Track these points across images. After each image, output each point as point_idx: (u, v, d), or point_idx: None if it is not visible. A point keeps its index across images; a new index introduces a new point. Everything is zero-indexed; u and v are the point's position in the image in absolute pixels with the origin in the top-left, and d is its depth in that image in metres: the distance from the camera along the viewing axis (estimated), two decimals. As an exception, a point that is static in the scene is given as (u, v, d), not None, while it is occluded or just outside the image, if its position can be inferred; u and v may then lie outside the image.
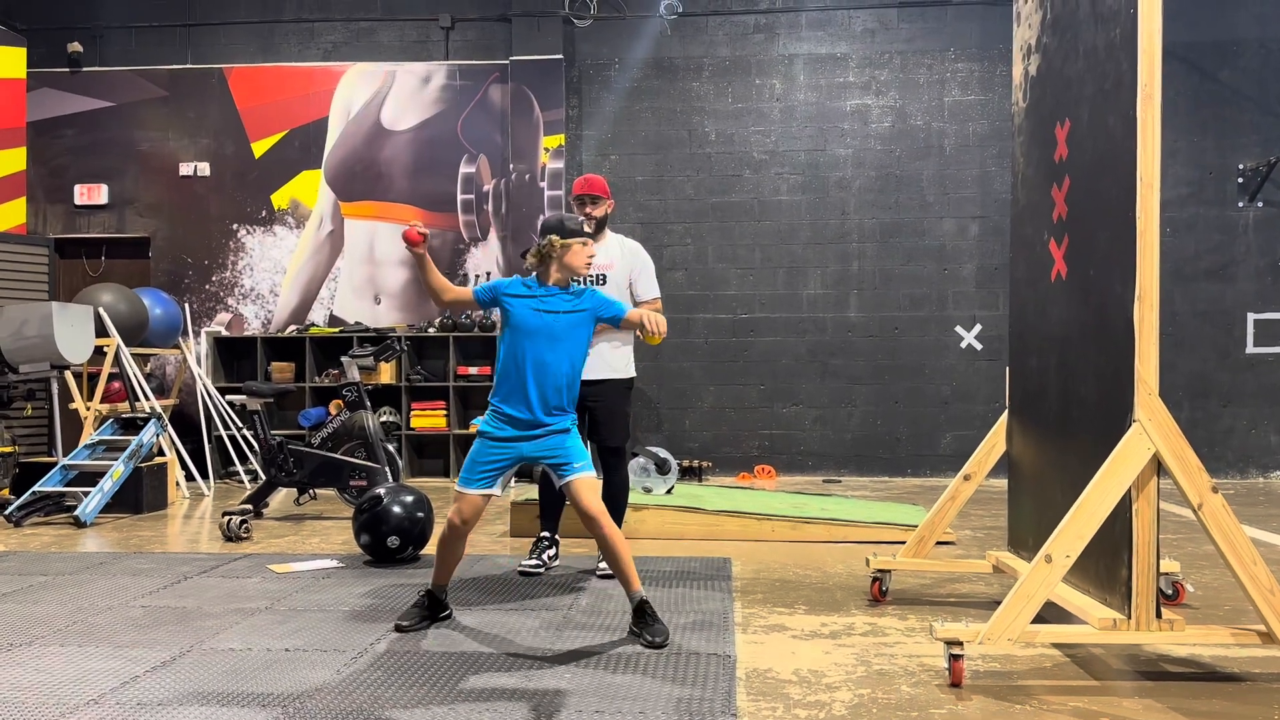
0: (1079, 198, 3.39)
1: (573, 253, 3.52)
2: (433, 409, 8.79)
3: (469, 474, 3.53)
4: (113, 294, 7.84)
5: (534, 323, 3.49)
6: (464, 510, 3.52)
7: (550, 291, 3.54)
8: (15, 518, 6.17)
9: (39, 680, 3.04)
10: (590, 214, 4.62)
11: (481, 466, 3.52)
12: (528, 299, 3.53)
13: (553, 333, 3.49)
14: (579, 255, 3.53)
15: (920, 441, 8.92)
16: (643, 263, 4.73)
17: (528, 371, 3.47)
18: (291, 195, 9.31)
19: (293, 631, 3.60)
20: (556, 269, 3.54)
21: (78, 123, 9.43)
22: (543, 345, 3.47)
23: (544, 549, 4.68)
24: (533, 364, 3.47)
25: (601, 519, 3.44)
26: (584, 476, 3.49)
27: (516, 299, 3.53)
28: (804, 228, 9.02)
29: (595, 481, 3.53)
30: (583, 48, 9.17)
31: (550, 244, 3.51)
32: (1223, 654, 3.33)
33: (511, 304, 3.53)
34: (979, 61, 8.94)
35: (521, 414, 3.48)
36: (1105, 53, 3.18)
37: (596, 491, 3.50)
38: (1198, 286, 8.71)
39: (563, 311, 3.52)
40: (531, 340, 3.48)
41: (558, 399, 3.50)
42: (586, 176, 4.72)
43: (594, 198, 4.66)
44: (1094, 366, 3.23)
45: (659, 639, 3.39)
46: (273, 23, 9.38)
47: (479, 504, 3.53)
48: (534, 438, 3.50)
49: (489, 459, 3.51)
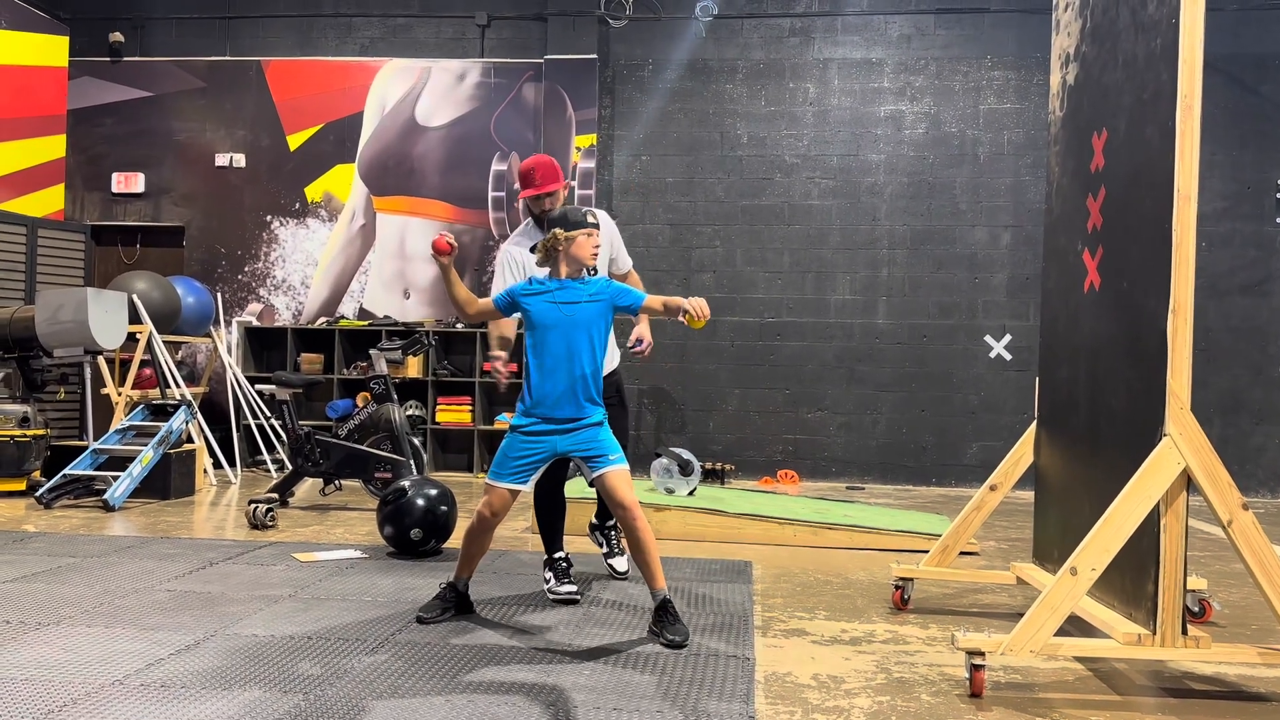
0: (1114, 209, 3.36)
1: (578, 244, 3.52)
2: (458, 404, 8.83)
3: (500, 468, 3.53)
4: (147, 281, 7.93)
5: (553, 316, 3.49)
6: (494, 503, 3.53)
7: (564, 284, 3.53)
8: (45, 500, 6.26)
9: (65, 659, 3.08)
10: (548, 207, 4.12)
11: (514, 462, 3.52)
12: (542, 295, 3.53)
13: (574, 324, 3.49)
14: (584, 246, 3.53)
15: (946, 451, 8.86)
16: (616, 232, 4.38)
17: (554, 366, 3.47)
18: (325, 188, 9.39)
19: (315, 619, 3.63)
20: (565, 262, 3.53)
21: (117, 112, 9.55)
22: (565, 338, 3.48)
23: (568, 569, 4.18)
24: (557, 358, 3.47)
25: (635, 511, 3.44)
26: (619, 468, 3.49)
27: (532, 297, 3.53)
28: (834, 233, 8.99)
29: (628, 473, 3.53)
30: (617, 48, 9.19)
31: (555, 238, 3.51)
32: (1249, 673, 3.29)
33: (528, 303, 3.53)
34: (1015, 69, 8.88)
35: (553, 410, 3.48)
36: (1145, 63, 3.15)
37: (630, 483, 3.50)
38: (1232, 302, 8.60)
39: (581, 302, 3.52)
40: (553, 334, 3.48)
41: (586, 391, 3.50)
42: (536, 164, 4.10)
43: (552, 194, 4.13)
44: (1125, 379, 3.20)
45: (678, 639, 3.39)
46: (311, 17, 9.46)
47: (509, 498, 3.54)
48: (567, 431, 3.50)
49: (522, 454, 3.51)
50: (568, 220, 3.53)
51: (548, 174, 4.12)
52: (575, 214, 3.55)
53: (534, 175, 4.12)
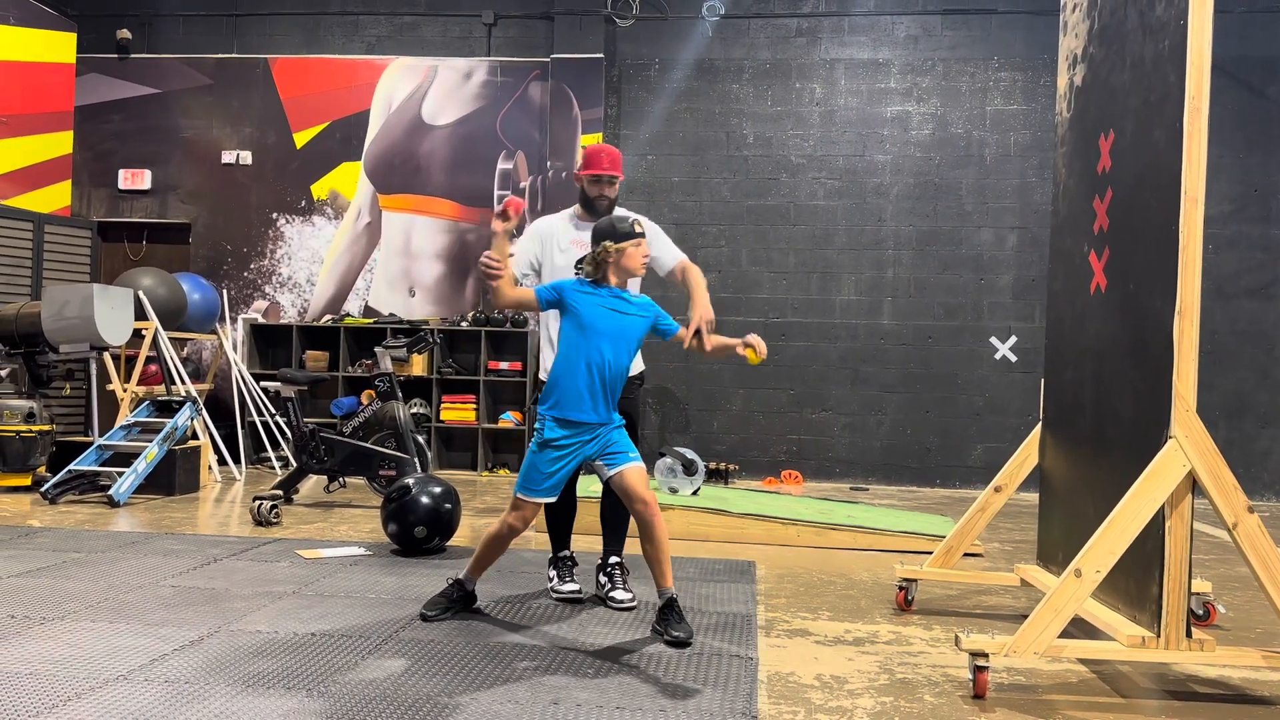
0: (1121, 210, 3.35)
1: (628, 255, 3.50)
2: (463, 402, 8.84)
3: (533, 484, 3.50)
4: (153, 278, 7.95)
5: (606, 323, 3.46)
6: (527, 517, 3.54)
7: (614, 293, 3.52)
8: (51, 495, 6.27)
9: (70, 654, 3.09)
10: (607, 195, 4.11)
11: (547, 476, 3.50)
12: (594, 298, 3.49)
13: (622, 333, 3.49)
14: (634, 257, 3.51)
15: (950, 452, 8.85)
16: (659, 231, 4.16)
17: (594, 371, 3.44)
18: (331, 186, 9.40)
19: (319, 616, 3.63)
20: (614, 273, 3.51)
21: (124, 108, 9.57)
22: (611, 345, 3.46)
23: (573, 567, 4.19)
24: (600, 364, 3.45)
25: (654, 505, 3.48)
26: (637, 464, 3.53)
27: (584, 296, 3.48)
28: (839, 233, 8.98)
29: (644, 469, 3.56)
30: (623, 47, 9.19)
31: (605, 250, 3.48)
32: (1253, 676, 3.28)
33: (580, 302, 3.47)
34: (1023, 71, 8.86)
35: (585, 416, 3.46)
36: (1153, 64, 3.14)
37: (647, 480, 3.54)
38: (1238, 305, 8.58)
39: (630, 314, 3.52)
40: (601, 340, 3.45)
41: (613, 398, 3.52)
42: (604, 149, 4.13)
43: (613, 179, 4.11)
44: (1131, 381, 3.20)
45: (682, 637, 3.39)
46: (318, 15, 9.47)
47: (538, 510, 3.57)
48: (595, 438, 3.51)
49: (556, 468, 3.50)
50: (616, 231, 3.49)
51: (615, 160, 4.12)
52: (623, 224, 3.51)
53: (601, 158, 4.11)
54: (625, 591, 3.96)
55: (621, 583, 4.01)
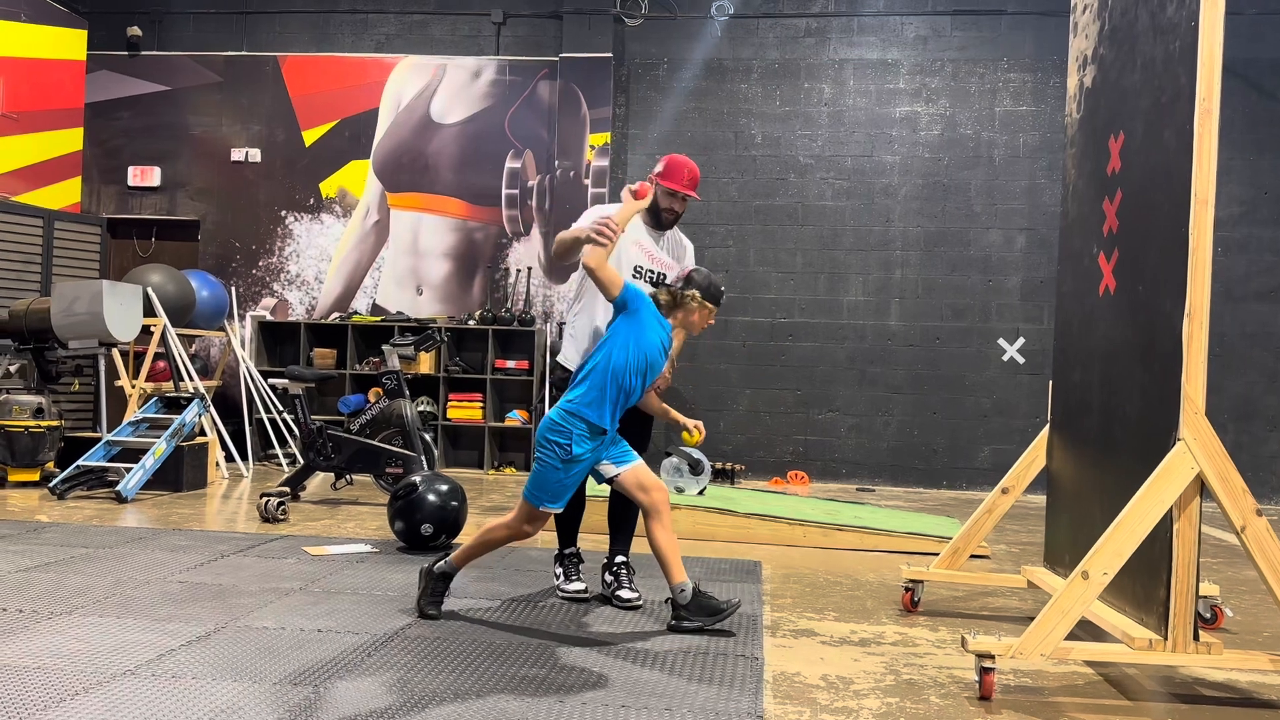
0: (1130, 212, 3.35)
1: (701, 314, 3.67)
2: (470, 400, 8.85)
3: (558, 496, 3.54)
4: (161, 275, 7.97)
5: (654, 354, 3.60)
6: (540, 526, 3.61)
7: (668, 329, 3.68)
8: (59, 490, 6.29)
9: (78, 649, 3.10)
10: (676, 210, 4.11)
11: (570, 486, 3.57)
12: (661, 328, 3.63)
13: (657, 367, 3.64)
14: (704, 319, 3.68)
15: (957, 453, 8.84)
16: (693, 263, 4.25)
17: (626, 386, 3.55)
18: (340, 184, 9.42)
19: (326, 613, 3.64)
20: (680, 318, 3.68)
21: (134, 105, 9.60)
22: (647, 375, 3.61)
23: (578, 565, 4.17)
24: (629, 387, 3.56)
25: (663, 493, 3.60)
26: (640, 462, 3.69)
27: (656, 323, 3.61)
28: (847, 234, 8.97)
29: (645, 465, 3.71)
30: (632, 47, 9.19)
31: (692, 298, 3.63)
32: (1260, 680, 3.27)
33: (650, 324, 3.58)
34: (1032, 72, 8.84)
35: (606, 423, 3.57)
36: (1163, 65, 3.13)
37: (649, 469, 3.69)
38: (1248, 308, 8.55)
39: (666, 354, 3.68)
40: (646, 367, 3.58)
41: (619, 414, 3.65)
42: (686, 164, 4.04)
43: (685, 198, 4.09)
44: (1139, 383, 3.19)
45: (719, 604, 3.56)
46: (328, 13, 9.49)
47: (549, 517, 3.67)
48: (605, 445, 3.62)
49: (578, 479, 3.59)
50: (710, 292, 3.65)
51: (695, 181, 4.08)
52: (717, 290, 3.68)
53: (683, 173, 4.04)
54: (631, 590, 3.96)
55: (628, 582, 4.01)
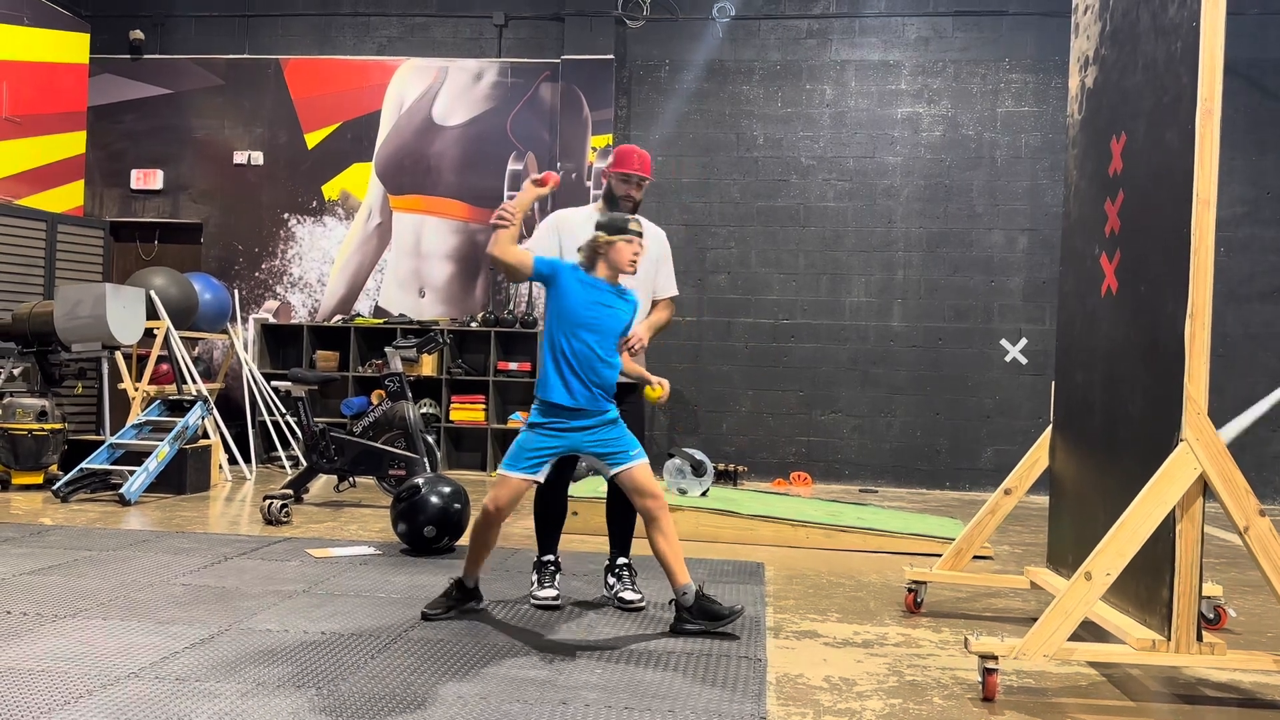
0: (1132, 213, 3.35)
1: (617, 249, 3.52)
2: (472, 402, 8.85)
3: (515, 459, 3.53)
4: (164, 278, 7.98)
5: (587, 313, 3.51)
6: (501, 496, 3.52)
7: (600, 285, 3.56)
8: (63, 493, 6.30)
9: (82, 651, 3.10)
10: (633, 196, 4.06)
11: (530, 451, 3.52)
12: (585, 286, 3.53)
13: (601, 326, 3.52)
14: (624, 252, 3.52)
15: (960, 454, 8.83)
16: (667, 252, 4.24)
17: (567, 358, 3.49)
18: (342, 187, 9.43)
19: (329, 615, 3.65)
20: (604, 266, 3.56)
21: (137, 109, 9.61)
22: (591, 335, 3.51)
23: (554, 573, 4.07)
24: (571, 352, 3.49)
25: (663, 500, 3.54)
26: (642, 462, 3.56)
27: (576, 283, 3.52)
28: (849, 235, 8.97)
29: (650, 467, 3.60)
30: (634, 49, 9.20)
31: (596, 239, 3.54)
32: (1264, 681, 3.27)
33: (570, 287, 3.50)
34: (1034, 73, 8.84)
35: (567, 401, 3.50)
36: (1165, 66, 3.13)
37: (653, 475, 3.58)
38: (1251, 308, 8.54)
39: (615, 308, 3.56)
40: (580, 328, 3.50)
41: (599, 384, 3.53)
42: (635, 150, 4.09)
43: (641, 180, 4.06)
44: (1142, 384, 3.19)
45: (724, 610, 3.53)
46: (330, 16, 9.50)
47: (520, 489, 3.53)
48: (586, 428, 3.53)
49: (539, 445, 3.52)
50: (611, 225, 3.53)
51: (645, 162, 4.11)
52: (620, 220, 3.54)
53: (632, 158, 4.09)
54: (634, 592, 3.96)
55: (630, 583, 4.01)
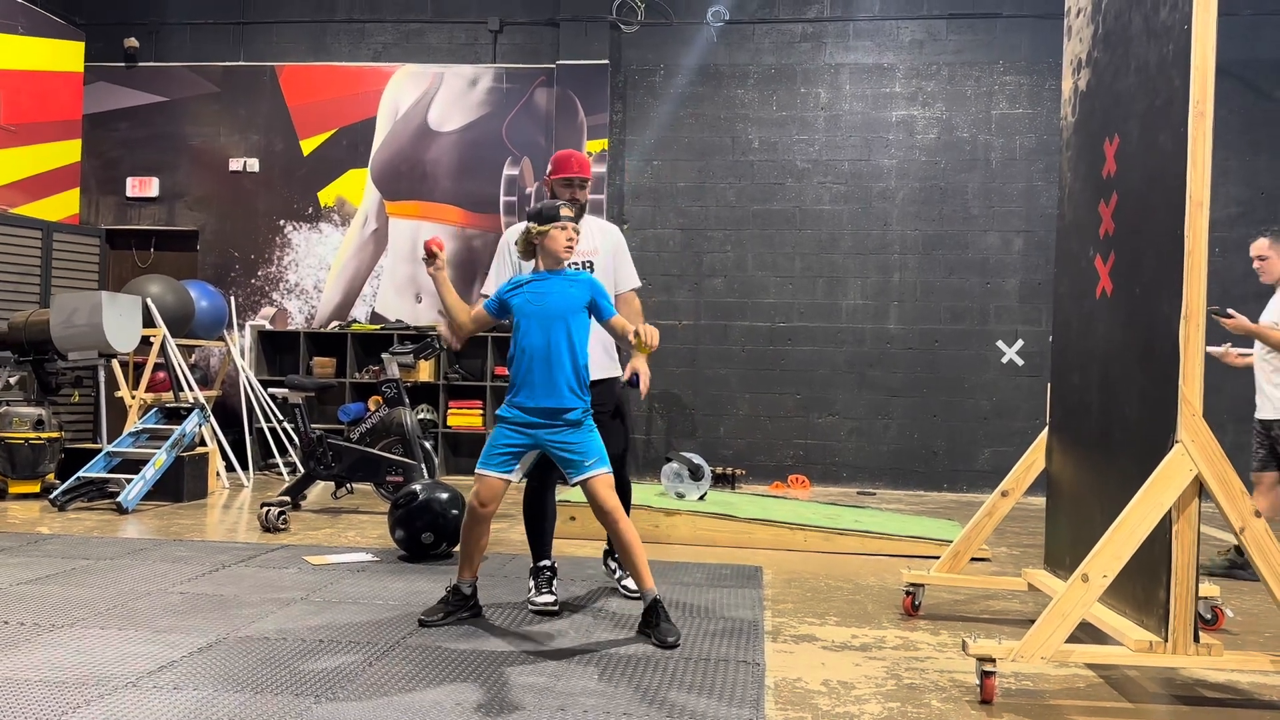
0: (1127, 215, 3.36)
1: (551, 238, 3.58)
2: (469, 408, 8.85)
3: (487, 457, 3.61)
4: (161, 285, 7.98)
5: (529, 308, 3.58)
6: (482, 493, 3.60)
7: (543, 277, 3.63)
8: (60, 502, 6.29)
9: (80, 660, 3.10)
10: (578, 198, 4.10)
11: (498, 448, 3.59)
12: (523, 289, 3.62)
13: (546, 314, 3.56)
14: (558, 239, 3.58)
15: (957, 456, 8.84)
16: (623, 246, 4.29)
17: (533, 355, 3.54)
18: (338, 193, 9.43)
19: (327, 622, 3.64)
20: (541, 256, 3.63)
21: (132, 116, 9.61)
22: (542, 327, 3.55)
23: (551, 579, 4.07)
24: (535, 347, 3.54)
25: (617, 514, 3.52)
26: (601, 473, 3.54)
27: (515, 292, 3.63)
28: (845, 238, 8.98)
29: (611, 478, 3.57)
30: (629, 53, 9.21)
31: (528, 231, 3.61)
32: (1261, 681, 3.27)
33: (511, 297, 3.63)
34: (1028, 75, 8.86)
35: (531, 400, 3.54)
36: (1157, 68, 3.15)
37: (612, 488, 3.56)
38: (1246, 308, 8.56)
39: (554, 293, 3.59)
40: (530, 324, 3.56)
41: (568, 381, 3.54)
42: (573, 154, 4.18)
43: (583, 182, 4.15)
44: (1137, 385, 3.19)
45: (669, 639, 3.42)
46: (324, 22, 9.51)
47: (498, 487, 3.60)
48: (551, 426, 3.55)
49: (507, 441, 3.59)
50: (541, 215, 3.60)
51: (584, 164, 4.19)
52: (549, 209, 3.60)
53: (570, 162, 4.18)
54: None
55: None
